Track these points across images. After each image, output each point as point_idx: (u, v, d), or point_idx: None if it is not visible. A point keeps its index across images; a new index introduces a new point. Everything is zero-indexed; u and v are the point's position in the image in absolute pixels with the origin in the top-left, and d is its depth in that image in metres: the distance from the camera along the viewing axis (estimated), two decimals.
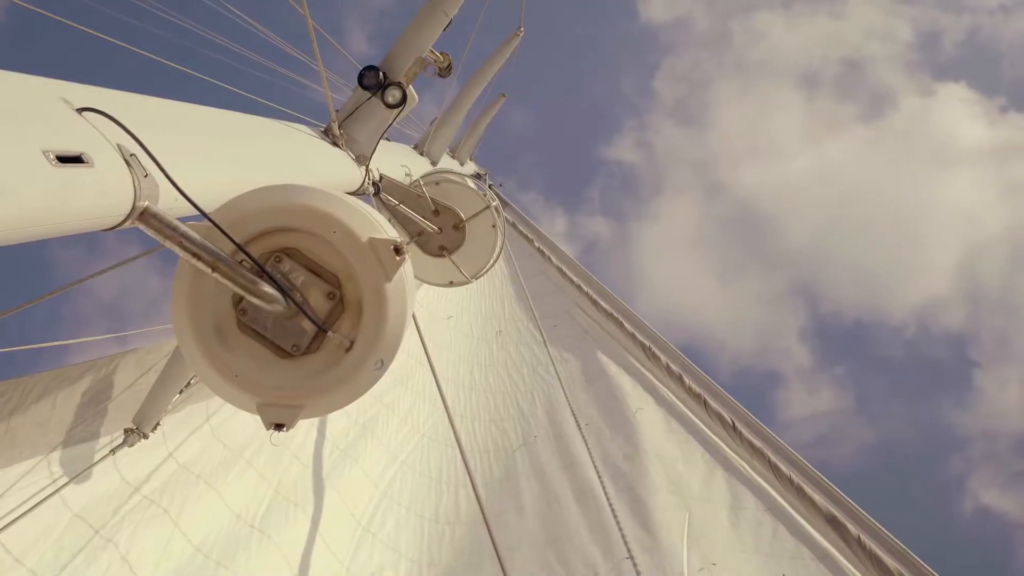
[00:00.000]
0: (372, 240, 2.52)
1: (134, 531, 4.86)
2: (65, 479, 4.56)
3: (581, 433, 7.40)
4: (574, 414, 7.60)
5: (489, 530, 3.70)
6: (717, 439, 8.03)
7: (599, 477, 6.86)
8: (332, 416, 7.64)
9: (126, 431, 4.99)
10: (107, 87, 2.67)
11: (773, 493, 7.07)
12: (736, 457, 7.68)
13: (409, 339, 2.72)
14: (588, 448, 6.52)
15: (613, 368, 10.20)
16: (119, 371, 5.19)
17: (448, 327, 12.02)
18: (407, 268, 2.61)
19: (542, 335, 10.84)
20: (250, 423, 6.29)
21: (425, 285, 7.12)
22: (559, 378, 9.31)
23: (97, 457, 4.80)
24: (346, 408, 2.81)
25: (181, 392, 5.12)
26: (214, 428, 5.97)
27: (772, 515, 6.84)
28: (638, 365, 9.99)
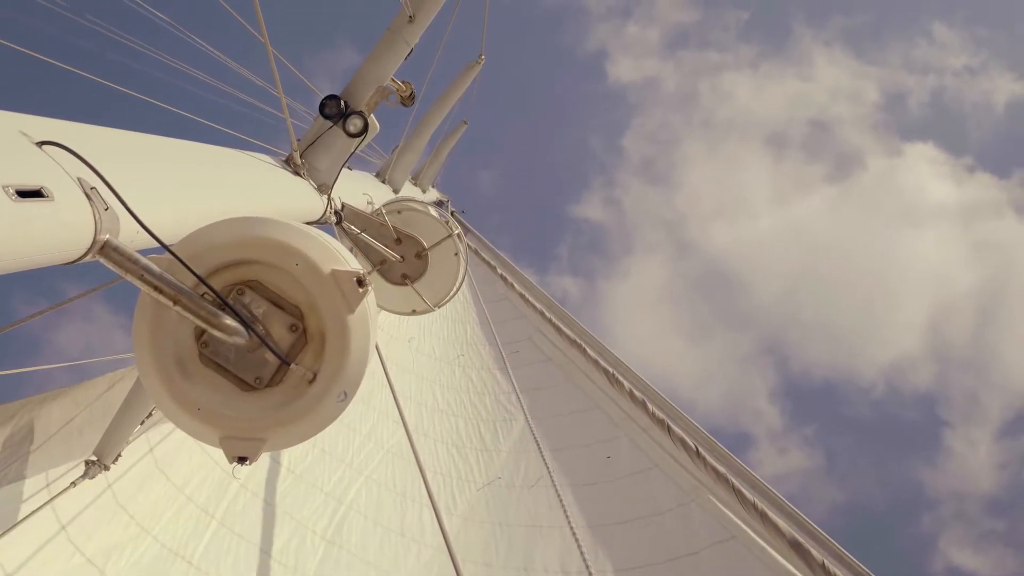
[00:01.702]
0: (335, 272, 2.52)
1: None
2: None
3: (549, 473, 7.39)
4: (541, 452, 7.58)
5: (452, 556, 3.68)
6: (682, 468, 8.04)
7: (564, 512, 6.85)
8: (291, 447, 7.60)
9: (87, 463, 4.91)
10: (66, 119, 2.66)
11: (736, 519, 7.09)
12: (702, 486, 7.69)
13: (371, 360, 2.72)
14: (555, 485, 6.50)
15: (578, 400, 10.21)
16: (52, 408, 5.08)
17: (410, 348, 11.98)
18: (370, 300, 2.62)
19: (504, 361, 10.84)
20: (196, 454, 6.23)
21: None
22: (523, 410, 9.31)
23: (56, 491, 4.73)
24: None
25: (142, 423, 5.06)
26: (157, 460, 5.92)
27: (738, 542, 6.87)
28: (601, 392, 10.00)
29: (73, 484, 4.78)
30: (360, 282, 2.53)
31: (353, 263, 2.64)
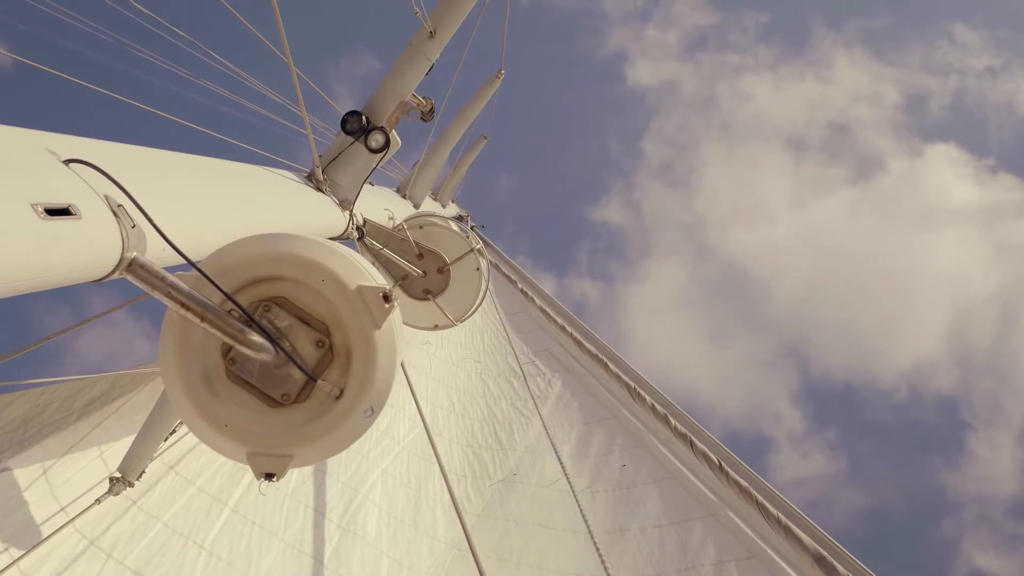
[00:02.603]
0: (361, 288, 2.52)
1: None
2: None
3: (566, 475, 7.36)
4: (557, 454, 7.56)
5: (473, 551, 3.67)
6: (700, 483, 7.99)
7: (583, 515, 6.81)
8: None
9: (111, 479, 4.92)
10: (92, 137, 2.67)
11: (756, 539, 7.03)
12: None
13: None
14: (572, 487, 6.46)
15: (596, 411, 10.18)
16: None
17: (426, 352, 11.99)
18: (396, 315, 2.61)
19: (521, 370, 10.83)
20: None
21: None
22: (540, 415, 9.30)
23: (82, 507, 4.74)
24: None
25: (166, 439, 5.06)
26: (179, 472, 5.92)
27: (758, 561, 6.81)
28: (620, 405, 9.97)
29: (98, 501, 4.79)
30: (387, 298, 2.52)
31: (379, 279, 2.63)
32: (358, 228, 5.40)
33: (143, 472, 5.06)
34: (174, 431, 5.03)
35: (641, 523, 7.59)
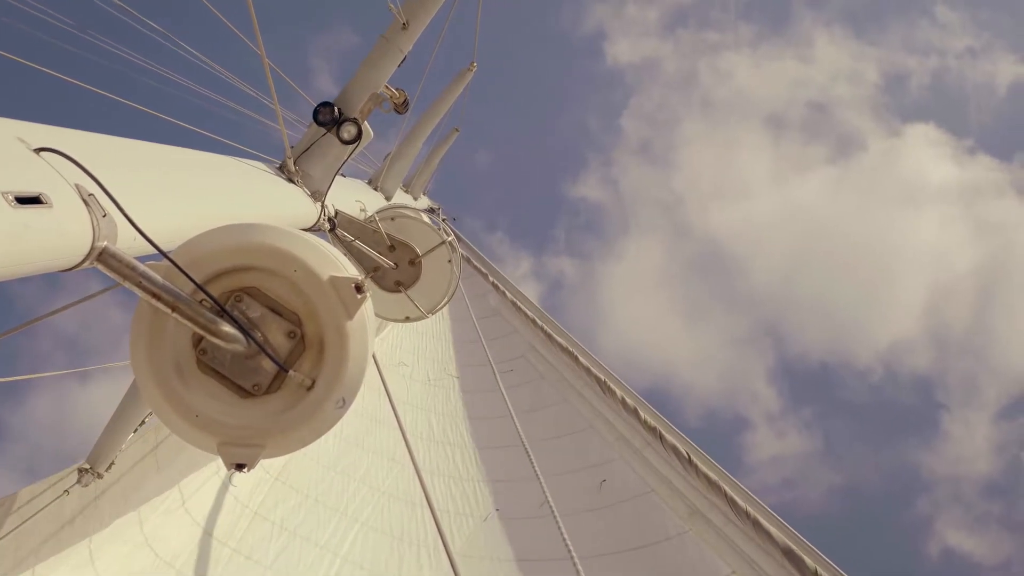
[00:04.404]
0: (333, 278, 2.52)
1: None
2: None
3: (549, 503, 7.36)
4: (540, 480, 7.55)
5: None
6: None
7: (567, 544, 6.81)
8: (279, 499, 7.59)
9: (80, 470, 4.89)
10: (63, 126, 2.65)
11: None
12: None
13: (361, 398, 2.71)
14: (555, 516, 6.45)
15: (573, 420, 10.21)
16: None
17: (402, 375, 11.94)
18: (368, 306, 2.61)
19: (498, 381, 10.85)
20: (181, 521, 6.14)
21: (377, 337, 7.10)
22: (520, 437, 9.31)
23: (50, 498, 4.71)
24: (295, 486, 2.76)
25: (135, 431, 5.03)
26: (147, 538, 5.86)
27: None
28: (595, 411, 9.99)
29: (66, 492, 4.76)
30: (359, 288, 2.52)
31: (351, 270, 2.63)
32: (330, 219, 5.39)
33: (112, 463, 5.03)
34: (143, 422, 5.00)
35: (622, 546, 7.63)
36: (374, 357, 2.93)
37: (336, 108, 5.22)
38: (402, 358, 12.32)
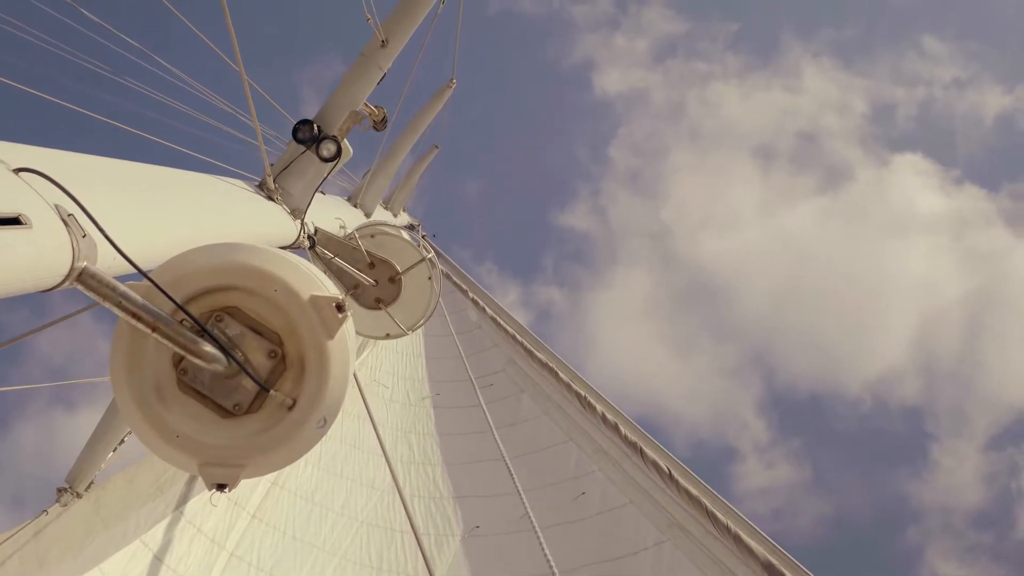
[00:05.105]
0: (314, 298, 2.52)
1: None
2: None
3: (530, 517, 7.33)
4: (521, 495, 7.52)
5: None
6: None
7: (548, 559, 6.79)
8: (259, 539, 7.53)
9: (59, 490, 4.85)
10: (42, 146, 2.65)
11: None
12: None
13: (339, 424, 2.71)
14: (536, 530, 6.41)
15: (552, 434, 10.21)
16: None
17: (381, 396, 11.90)
18: (349, 325, 2.61)
19: (479, 397, 10.83)
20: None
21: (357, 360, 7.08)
22: (501, 452, 9.30)
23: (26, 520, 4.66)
24: (273, 523, 2.74)
25: (115, 450, 5.00)
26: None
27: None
28: (574, 425, 10.00)
29: (45, 512, 4.72)
30: (339, 307, 2.52)
31: (332, 288, 2.63)
32: (309, 237, 5.39)
33: (91, 483, 5.00)
34: (123, 441, 4.96)
35: (603, 556, 7.63)
36: (355, 377, 2.92)
37: (315, 126, 5.22)
38: (382, 379, 12.27)
